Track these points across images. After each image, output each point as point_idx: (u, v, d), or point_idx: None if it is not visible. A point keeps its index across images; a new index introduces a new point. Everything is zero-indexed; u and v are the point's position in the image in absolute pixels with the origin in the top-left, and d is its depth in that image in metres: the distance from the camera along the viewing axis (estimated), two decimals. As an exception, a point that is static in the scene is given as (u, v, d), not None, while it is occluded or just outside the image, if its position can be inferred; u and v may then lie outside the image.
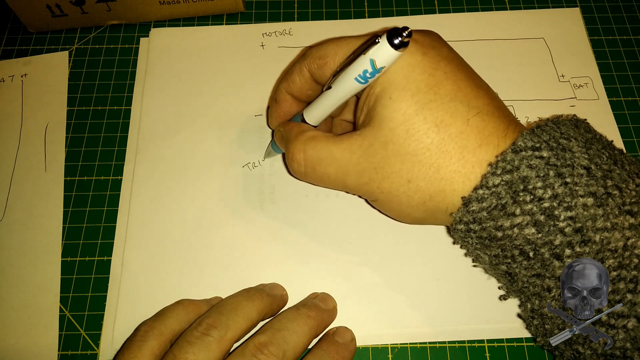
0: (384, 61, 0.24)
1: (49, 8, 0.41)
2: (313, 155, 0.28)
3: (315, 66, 0.29)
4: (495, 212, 0.24)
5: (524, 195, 0.23)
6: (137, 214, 0.35)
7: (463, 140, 0.24)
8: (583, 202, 0.23)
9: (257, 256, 0.33)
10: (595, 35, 0.43)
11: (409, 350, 0.31)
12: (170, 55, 0.41)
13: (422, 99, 0.25)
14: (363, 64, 0.25)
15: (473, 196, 0.24)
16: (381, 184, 0.26)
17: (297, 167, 0.29)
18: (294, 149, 0.29)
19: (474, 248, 0.26)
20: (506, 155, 0.24)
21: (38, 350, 0.31)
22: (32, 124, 0.39)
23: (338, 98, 0.28)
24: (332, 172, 0.28)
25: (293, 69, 0.30)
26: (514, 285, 0.26)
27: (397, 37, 0.23)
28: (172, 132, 0.38)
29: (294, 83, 0.30)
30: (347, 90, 0.27)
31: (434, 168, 0.25)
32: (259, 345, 0.26)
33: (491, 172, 0.24)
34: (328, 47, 0.28)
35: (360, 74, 0.25)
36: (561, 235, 0.23)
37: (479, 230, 0.25)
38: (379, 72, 0.25)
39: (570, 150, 0.24)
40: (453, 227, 0.26)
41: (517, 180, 0.23)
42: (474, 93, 0.26)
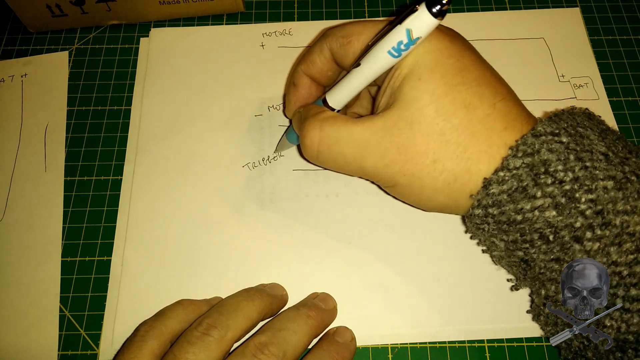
0: (422, 30, 0.24)
1: (49, 8, 0.41)
2: (330, 134, 0.27)
3: (338, 45, 0.28)
4: (516, 194, 0.24)
5: (545, 177, 0.23)
6: (137, 214, 0.35)
7: (490, 122, 0.25)
8: (603, 185, 0.23)
9: (257, 256, 0.33)
10: (595, 35, 0.43)
11: (409, 350, 0.31)
12: (170, 55, 0.41)
13: (450, 80, 0.25)
14: (398, 34, 0.24)
15: (494, 178, 0.24)
16: (404, 165, 0.25)
17: (310, 144, 0.27)
18: (310, 125, 0.27)
19: (489, 235, 0.26)
20: (527, 138, 0.24)
21: (38, 350, 0.31)
22: (32, 124, 0.39)
23: (367, 76, 0.27)
24: (349, 153, 0.26)
25: (313, 49, 0.29)
26: (529, 272, 0.26)
27: (436, 4, 0.23)
28: (172, 132, 0.38)
29: (314, 64, 0.30)
30: (377, 65, 0.26)
31: (461, 147, 0.25)
32: (259, 345, 0.26)
33: (512, 154, 0.24)
34: (352, 26, 0.28)
35: (394, 46, 0.25)
36: (582, 217, 0.23)
37: (497, 215, 0.24)
38: (414, 43, 0.24)
39: (588, 138, 0.24)
40: (470, 212, 0.26)
41: (538, 163, 0.23)
42: (497, 81, 0.26)
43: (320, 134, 0.27)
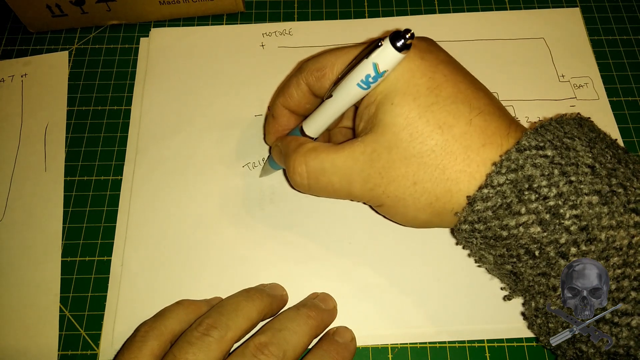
0: (387, 64, 0.24)
1: (49, 8, 0.41)
2: (315, 166, 0.28)
3: (314, 79, 0.29)
4: (501, 211, 0.24)
5: (529, 194, 0.23)
6: (137, 214, 0.35)
7: (467, 140, 0.25)
8: (588, 200, 0.23)
9: (257, 256, 0.33)
10: (595, 35, 0.43)
11: (409, 350, 0.31)
12: (170, 55, 0.41)
13: (424, 102, 0.25)
14: (365, 68, 0.25)
15: (478, 195, 0.24)
16: (387, 188, 0.26)
17: (299, 180, 0.28)
18: (295, 162, 0.28)
19: (478, 248, 0.26)
20: (510, 154, 0.24)
21: (38, 350, 0.31)
22: (32, 124, 0.39)
23: (339, 107, 0.28)
24: (336, 182, 0.27)
25: (290, 83, 0.30)
26: (518, 284, 0.26)
27: (400, 40, 0.23)
28: (172, 132, 0.38)
29: (292, 97, 0.30)
30: (349, 97, 0.27)
31: (439, 169, 0.25)
32: (259, 346, 0.26)
33: (496, 171, 0.24)
34: (325, 58, 0.28)
35: (362, 79, 0.25)
36: (567, 233, 0.23)
37: (483, 230, 0.25)
38: (381, 76, 0.25)
39: (574, 149, 0.24)
40: (457, 227, 0.26)
41: (522, 179, 0.23)
42: (474, 94, 0.26)
43: (307, 169, 0.28)
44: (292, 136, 0.31)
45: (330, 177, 0.27)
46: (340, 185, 0.27)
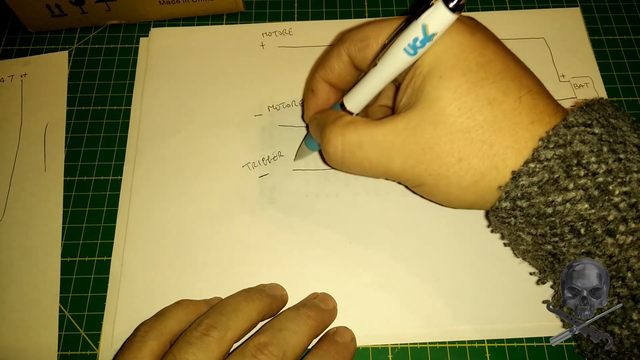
0: (438, 26, 0.23)
1: (49, 8, 0.41)
2: (353, 139, 0.26)
3: (356, 49, 0.28)
4: (547, 186, 0.23)
5: (578, 169, 0.23)
6: (137, 214, 0.35)
7: (516, 117, 0.24)
8: (637, 178, 0.23)
9: (257, 256, 0.33)
10: (596, 35, 0.42)
11: (409, 351, 0.31)
12: (170, 55, 0.41)
13: (473, 77, 0.24)
14: (414, 31, 0.24)
15: (524, 170, 0.23)
16: (430, 165, 0.25)
17: (334, 152, 0.27)
18: (331, 132, 0.27)
19: (515, 229, 0.26)
20: (559, 129, 0.24)
21: (38, 350, 0.31)
22: (32, 123, 0.39)
23: (384, 76, 0.26)
24: (373, 157, 0.26)
25: (330, 54, 0.29)
26: (556, 266, 0.26)
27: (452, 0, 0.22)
28: (172, 132, 0.38)
29: (332, 70, 0.29)
30: (395, 65, 0.25)
31: (487, 144, 0.24)
32: (259, 346, 0.26)
33: (543, 145, 0.23)
34: (370, 28, 0.27)
35: (410, 43, 0.24)
36: (615, 210, 0.23)
37: (526, 207, 0.24)
38: (429, 40, 0.24)
39: (621, 129, 0.24)
40: (496, 205, 0.25)
41: (570, 154, 0.23)
42: (523, 73, 0.26)
43: (342, 140, 0.27)
44: (331, 110, 0.30)
45: (367, 151, 0.26)
46: (377, 160, 0.26)
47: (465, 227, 0.34)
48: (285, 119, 0.38)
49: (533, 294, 0.32)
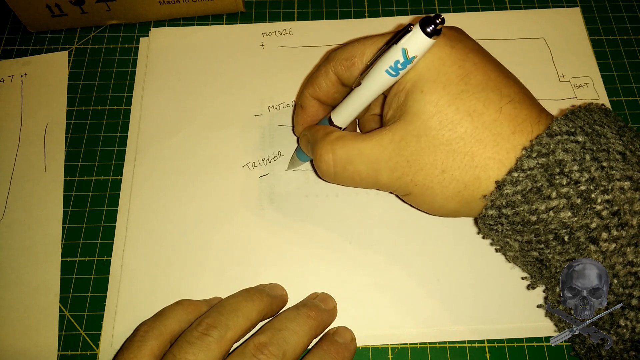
0: (417, 50, 0.24)
1: (49, 8, 0.41)
2: (342, 155, 0.28)
3: (342, 68, 0.28)
4: (530, 195, 0.24)
5: (560, 178, 0.23)
6: (137, 214, 0.35)
7: (497, 127, 0.24)
8: (620, 186, 0.23)
9: (257, 256, 0.33)
10: (596, 35, 0.42)
11: (409, 351, 0.31)
12: (170, 55, 0.41)
13: (453, 89, 0.25)
14: (395, 54, 0.25)
15: (507, 179, 0.24)
16: (415, 176, 0.26)
17: (326, 168, 0.28)
18: (322, 150, 0.28)
19: (503, 235, 0.26)
20: (541, 138, 0.24)
21: (38, 350, 0.31)
22: (32, 124, 0.39)
23: (368, 95, 0.28)
24: (363, 170, 0.27)
25: (318, 73, 0.30)
26: (544, 272, 0.26)
27: (430, 25, 0.23)
28: (172, 132, 0.38)
29: (320, 87, 0.30)
30: (378, 85, 0.27)
31: (468, 156, 0.25)
32: (259, 345, 0.26)
33: (526, 155, 0.24)
34: (354, 47, 0.28)
35: (391, 65, 0.25)
36: (598, 218, 0.23)
37: (511, 215, 0.24)
38: (410, 62, 0.25)
39: (605, 136, 0.24)
40: (483, 213, 0.26)
41: (553, 163, 0.23)
42: (504, 82, 0.26)
43: (333, 157, 0.28)
44: (320, 125, 0.31)
45: (357, 165, 0.27)
46: (367, 173, 0.27)
47: (465, 228, 0.34)
48: (285, 119, 0.38)
49: (533, 294, 0.32)
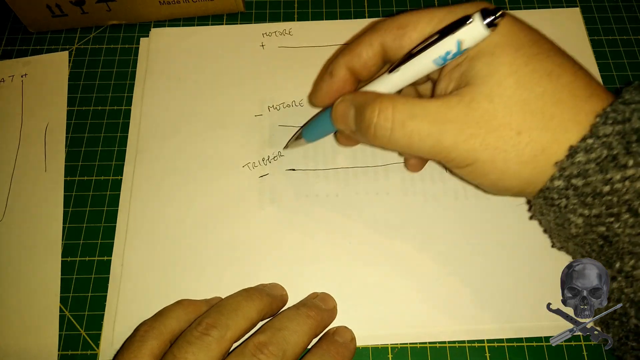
0: (473, 42, 0.23)
1: (49, 8, 0.41)
2: (403, 109, 0.25)
3: (392, 37, 0.27)
4: (605, 163, 0.23)
5: (637, 146, 0.22)
6: (137, 214, 0.35)
7: (575, 89, 0.24)
8: None
9: (257, 256, 0.33)
10: (595, 35, 0.42)
11: (409, 350, 0.31)
12: (170, 55, 0.41)
13: (527, 52, 0.24)
14: (448, 45, 0.24)
15: (581, 146, 0.23)
16: (486, 138, 0.24)
17: (383, 124, 0.25)
18: (380, 104, 0.25)
19: (566, 210, 0.25)
20: (617, 106, 0.23)
21: (38, 350, 0.31)
22: (32, 124, 0.39)
23: (406, 79, 0.26)
24: (424, 129, 0.25)
25: (360, 41, 0.28)
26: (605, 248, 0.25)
27: (490, 16, 0.22)
28: (172, 132, 0.38)
29: (359, 57, 0.28)
30: (420, 72, 0.25)
31: (547, 116, 0.24)
32: (259, 345, 0.26)
33: (602, 121, 0.23)
34: (408, 16, 0.27)
35: (441, 55, 0.24)
36: None
37: (581, 186, 0.23)
38: (461, 53, 0.24)
39: None
40: (547, 185, 0.24)
41: (629, 131, 0.23)
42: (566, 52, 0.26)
43: (393, 111, 0.25)
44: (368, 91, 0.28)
45: (418, 122, 0.25)
46: (428, 132, 0.25)
47: (465, 228, 0.34)
48: (285, 119, 0.38)
49: (533, 294, 0.32)
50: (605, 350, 0.31)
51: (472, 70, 0.25)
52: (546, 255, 0.32)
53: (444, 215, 0.34)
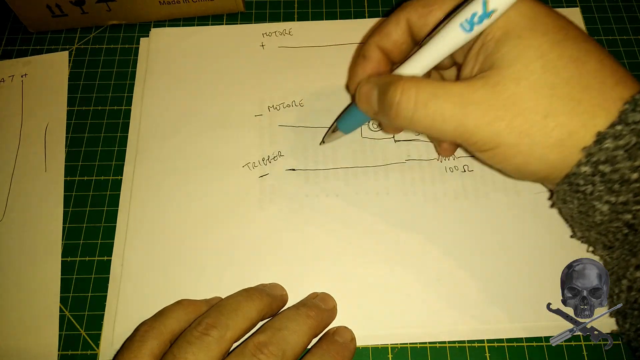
0: (499, 2, 0.23)
1: (49, 8, 0.41)
2: (427, 89, 0.25)
3: (417, 15, 0.27)
4: (634, 150, 0.23)
5: None
6: (137, 214, 0.35)
7: (601, 76, 0.24)
8: None
9: (257, 256, 0.33)
10: (595, 35, 0.42)
11: (409, 350, 0.31)
12: (170, 55, 0.41)
13: (554, 37, 0.24)
14: (473, 6, 0.24)
15: (610, 132, 0.23)
16: (512, 121, 0.24)
17: (406, 104, 0.25)
18: (404, 85, 0.25)
19: (591, 198, 0.24)
20: None
21: (38, 350, 0.31)
22: (32, 124, 0.39)
23: (437, 53, 0.26)
24: (447, 109, 0.24)
25: (388, 21, 0.28)
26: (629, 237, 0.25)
27: None
28: (172, 132, 0.38)
29: (389, 36, 0.28)
30: (449, 42, 0.25)
31: (575, 101, 0.23)
32: (259, 345, 0.26)
33: (631, 108, 0.23)
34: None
35: (467, 18, 0.24)
36: None
37: (609, 173, 0.23)
38: (488, 16, 0.23)
39: None
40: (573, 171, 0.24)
41: None
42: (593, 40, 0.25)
43: (416, 91, 0.25)
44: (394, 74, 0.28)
45: (442, 102, 0.24)
46: (451, 113, 0.24)
47: (465, 228, 0.34)
48: (285, 119, 0.38)
49: (533, 294, 0.32)
50: (605, 351, 0.31)
51: (498, 52, 0.25)
52: (546, 255, 0.32)
53: (444, 215, 0.34)
